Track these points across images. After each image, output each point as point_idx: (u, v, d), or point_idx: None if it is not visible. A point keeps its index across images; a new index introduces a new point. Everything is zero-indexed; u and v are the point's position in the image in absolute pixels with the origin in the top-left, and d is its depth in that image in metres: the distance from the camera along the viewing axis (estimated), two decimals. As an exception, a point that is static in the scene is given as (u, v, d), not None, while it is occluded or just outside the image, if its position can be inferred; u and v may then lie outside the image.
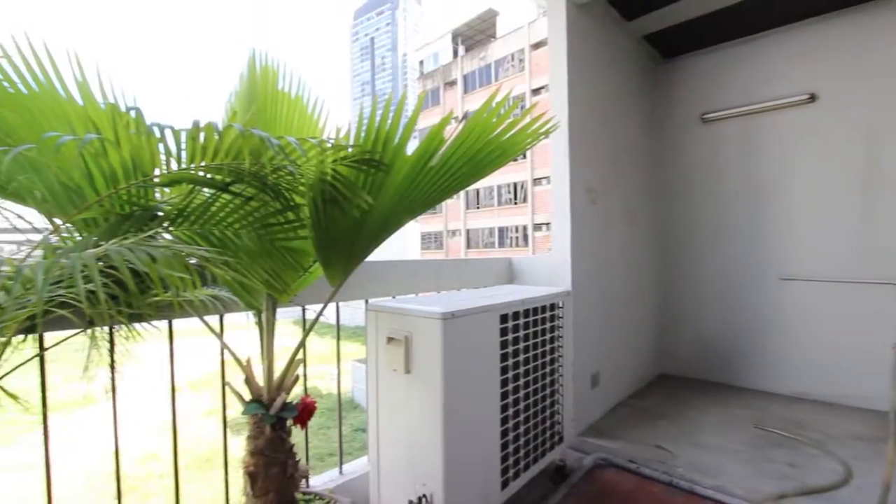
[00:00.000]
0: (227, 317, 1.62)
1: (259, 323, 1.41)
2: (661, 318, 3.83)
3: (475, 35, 34.06)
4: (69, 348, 1.38)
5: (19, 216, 0.96)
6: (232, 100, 1.35)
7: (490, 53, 29.61)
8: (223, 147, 0.92)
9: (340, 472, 2.17)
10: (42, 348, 1.30)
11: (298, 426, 1.47)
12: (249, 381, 1.34)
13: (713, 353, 3.62)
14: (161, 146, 0.91)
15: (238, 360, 1.33)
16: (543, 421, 2.13)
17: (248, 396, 1.37)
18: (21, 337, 1.17)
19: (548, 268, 2.77)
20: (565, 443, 2.32)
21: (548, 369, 2.16)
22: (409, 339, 1.62)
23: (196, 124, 0.85)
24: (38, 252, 1.08)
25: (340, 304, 2.08)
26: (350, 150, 1.11)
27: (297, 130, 1.41)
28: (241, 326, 1.76)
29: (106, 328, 1.38)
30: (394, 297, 2.20)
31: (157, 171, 0.95)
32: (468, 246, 30.69)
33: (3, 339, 1.05)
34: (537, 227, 27.01)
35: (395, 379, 1.68)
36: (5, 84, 0.97)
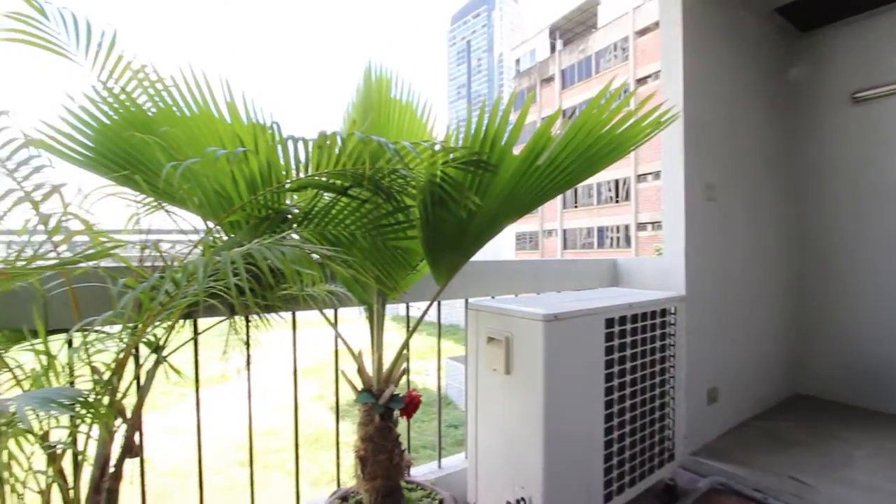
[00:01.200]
0: (338, 311, 1.75)
1: (369, 317, 1.51)
2: (795, 329, 3.35)
3: (574, 28, 32.84)
4: (210, 333, 1.60)
5: (184, 219, 1.13)
6: (349, 110, 1.46)
7: (590, 45, 28.34)
8: (345, 154, 0.99)
9: (439, 466, 2.23)
10: (196, 332, 1.52)
11: (404, 418, 1.54)
12: (361, 371, 1.43)
13: (864, 373, 3.07)
14: (293, 155, 1.02)
15: (351, 351, 1.43)
16: (652, 435, 1.99)
17: (359, 386, 1.46)
18: (181, 322, 1.38)
19: (657, 270, 2.57)
20: (676, 461, 2.13)
21: (657, 380, 2.01)
22: (509, 339, 1.61)
23: (323, 134, 0.94)
24: (196, 249, 1.27)
25: (438, 302, 2.14)
26: (458, 152, 1.13)
27: (407, 135, 1.48)
28: (348, 320, 1.89)
29: (243, 317, 1.58)
30: (493, 298, 2.21)
31: (288, 178, 1.07)
32: (564, 246, 29.71)
33: (170, 323, 1.25)
34: (641, 226, 25.25)
35: (495, 379, 1.68)
36: (174, 109, 1.15)
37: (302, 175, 1.05)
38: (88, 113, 1.19)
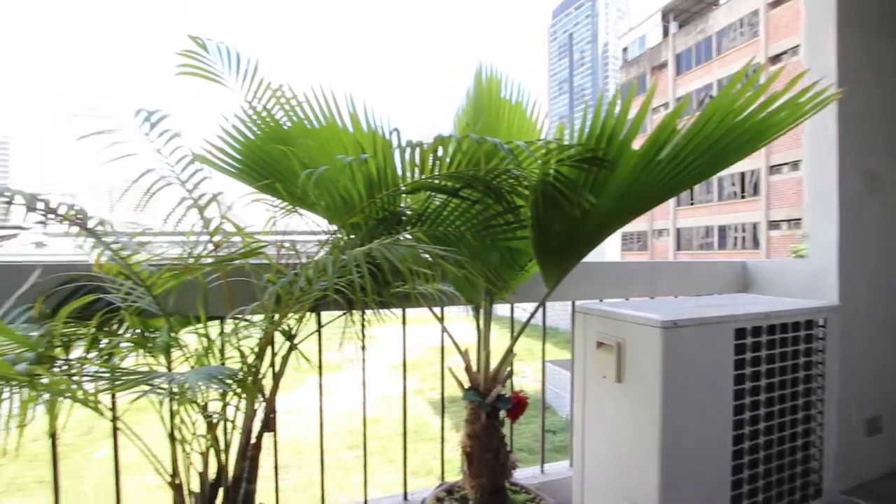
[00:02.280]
0: (444, 309, 1.79)
1: (476, 317, 1.53)
2: None
3: (691, 7, 29.92)
4: (327, 326, 1.75)
5: (314, 222, 1.26)
6: (459, 113, 1.50)
7: (710, 24, 25.61)
8: (458, 156, 1.02)
9: (542, 471, 2.18)
10: (319, 324, 1.68)
11: (509, 419, 1.54)
12: (468, 369, 1.46)
13: None
14: (408, 159, 1.07)
15: (459, 349, 1.47)
16: (793, 465, 1.73)
17: (466, 383, 1.49)
18: (306, 315, 1.53)
19: (800, 275, 2.24)
20: (823, 498, 1.83)
21: (801, 402, 1.75)
22: (621, 345, 1.52)
23: (439, 138, 0.97)
24: (321, 249, 1.40)
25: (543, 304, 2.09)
26: (573, 149, 1.10)
27: (517, 134, 1.48)
28: (448, 319, 1.94)
29: (359, 311, 1.71)
30: (601, 301, 2.10)
31: (404, 181, 1.13)
32: (678, 247, 27.22)
33: (299, 315, 1.40)
34: (773, 224, 22.14)
35: (604, 386, 1.60)
36: (305, 122, 1.28)
37: (417, 177, 1.10)
38: (238, 130, 1.37)
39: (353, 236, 1.36)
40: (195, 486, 1.32)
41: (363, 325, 1.77)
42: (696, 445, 1.47)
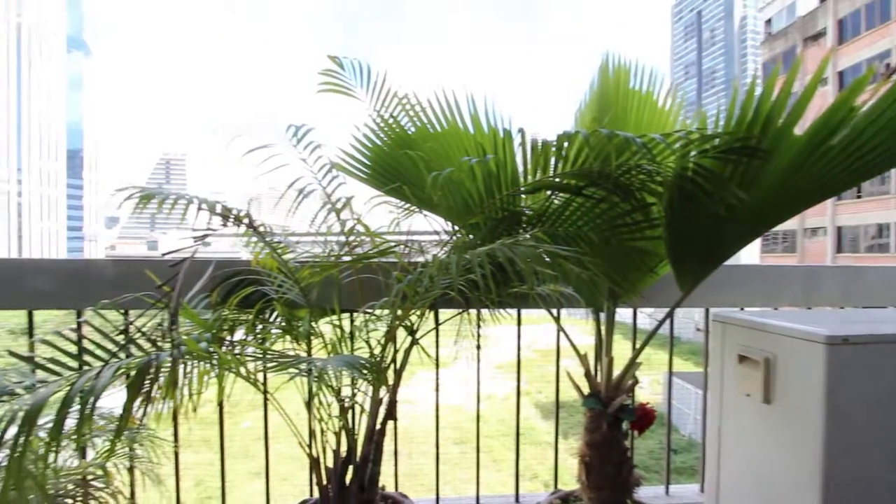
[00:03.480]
0: (560, 311, 1.74)
1: (596, 319, 1.46)
2: None
3: (858, -38, 25.03)
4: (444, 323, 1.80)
5: (435, 222, 1.31)
6: (582, 108, 1.44)
7: (886, -20, 21.17)
8: (582, 153, 0.98)
9: (667, 493, 2.01)
10: (437, 322, 1.74)
11: (634, 431, 1.44)
12: (588, 375, 1.40)
13: None
14: (530, 158, 1.06)
15: (578, 352, 1.41)
16: None
17: (585, 389, 1.43)
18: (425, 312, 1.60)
19: None
20: None
21: None
22: (770, 361, 1.32)
23: (565, 134, 0.94)
24: (437, 249, 1.45)
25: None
26: (719, 139, 0.99)
27: (647, 126, 1.38)
28: (562, 321, 1.87)
29: (475, 310, 1.74)
30: (741, 309, 1.86)
31: (527, 180, 1.12)
32: (838, 249, 22.96)
33: (420, 311, 1.47)
34: (980, 222, 17.52)
35: (747, 406, 1.41)
36: (428, 127, 1.35)
37: (539, 176, 1.09)
38: (367, 138, 1.48)
39: (471, 236, 1.39)
40: (328, 462, 1.46)
41: (479, 324, 1.80)
42: (867, 481, 1.23)
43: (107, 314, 1.48)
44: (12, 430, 0.89)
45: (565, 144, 0.97)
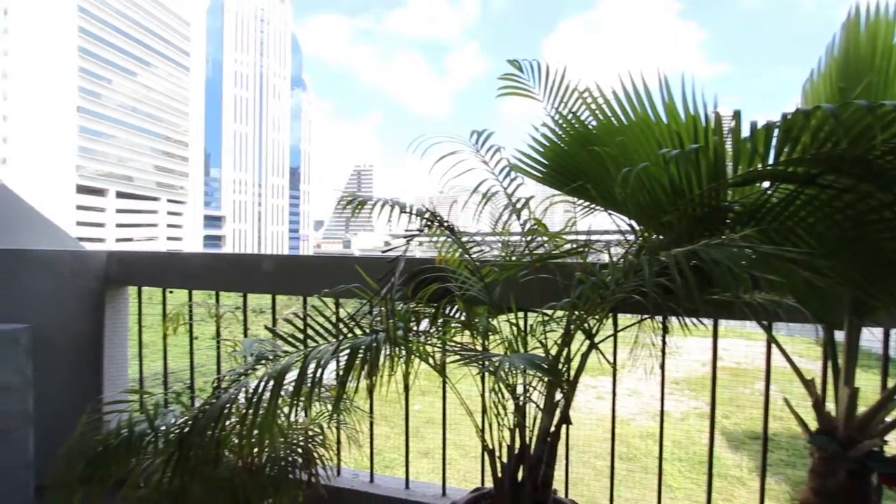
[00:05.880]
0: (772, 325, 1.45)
1: (828, 339, 1.18)
2: None
3: None
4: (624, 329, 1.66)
5: (618, 221, 1.23)
6: (814, 79, 1.17)
7: None
8: (820, 134, 0.80)
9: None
10: (616, 327, 1.63)
11: (885, 485, 1.12)
12: (819, 407, 1.14)
13: None
14: (741, 145, 0.91)
15: (803, 378, 1.16)
16: None
17: (812, 423, 1.17)
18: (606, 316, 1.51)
19: None
20: None
21: None
22: None
23: (799, 112, 0.78)
24: (626, 249, 1.35)
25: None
26: None
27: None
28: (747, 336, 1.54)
29: (660, 317, 1.57)
30: None
31: (739, 170, 0.96)
32: None
33: (600, 315, 1.39)
34: None
35: None
36: (613, 120, 1.27)
37: (755, 166, 0.92)
38: (546, 137, 1.47)
39: (659, 237, 1.26)
40: (500, 456, 1.50)
41: (664, 333, 1.62)
42: None
43: (314, 300, 1.80)
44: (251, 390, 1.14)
45: (796, 125, 0.80)
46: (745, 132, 0.86)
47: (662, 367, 1.67)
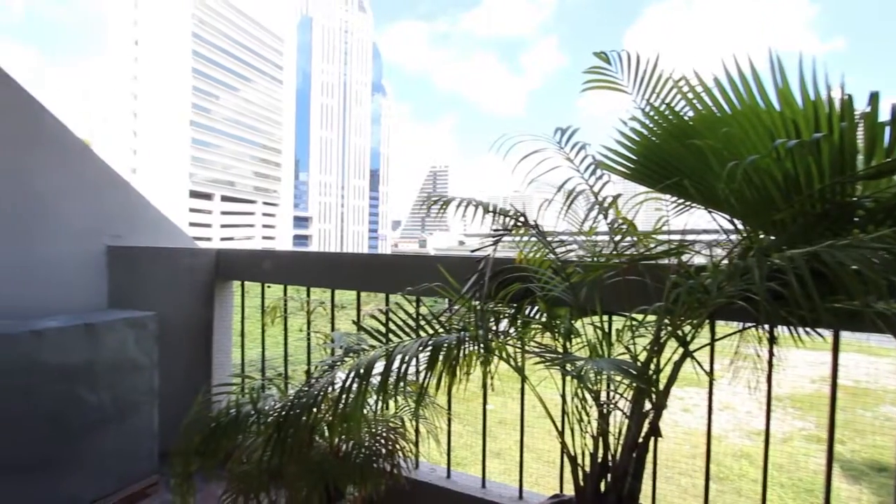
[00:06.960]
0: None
1: None
2: None
3: None
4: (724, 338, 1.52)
5: (716, 220, 1.13)
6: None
7: None
8: None
9: None
10: (713, 336, 1.49)
11: None
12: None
13: None
14: (880, 132, 0.79)
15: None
16: None
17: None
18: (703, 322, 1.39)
19: None
20: None
21: None
22: None
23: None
24: (730, 251, 1.24)
25: None
26: None
27: None
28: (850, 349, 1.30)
29: (768, 326, 1.42)
30: None
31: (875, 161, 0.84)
32: None
33: (696, 321, 1.29)
34: None
35: None
36: (714, 110, 1.17)
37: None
38: (635, 131, 1.39)
39: (770, 237, 1.14)
40: (582, 465, 1.44)
41: (771, 342, 1.46)
42: None
43: (393, 297, 1.85)
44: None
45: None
46: (884, 115, 0.75)
47: (769, 380, 1.51)
